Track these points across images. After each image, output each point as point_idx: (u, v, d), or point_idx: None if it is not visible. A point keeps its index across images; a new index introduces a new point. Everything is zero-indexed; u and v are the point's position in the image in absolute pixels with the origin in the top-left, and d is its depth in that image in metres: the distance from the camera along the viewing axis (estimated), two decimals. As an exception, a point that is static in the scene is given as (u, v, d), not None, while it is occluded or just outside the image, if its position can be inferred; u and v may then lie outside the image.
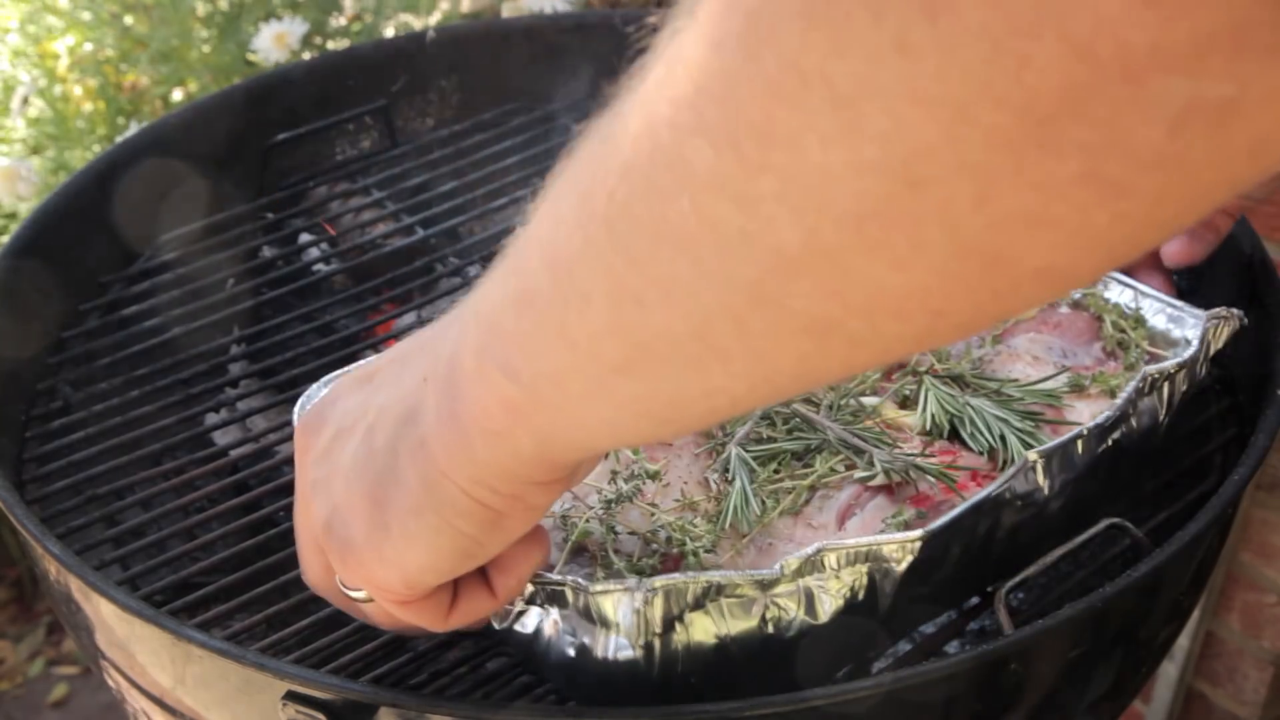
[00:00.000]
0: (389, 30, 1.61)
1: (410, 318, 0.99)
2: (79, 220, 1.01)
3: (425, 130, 1.21)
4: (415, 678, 0.73)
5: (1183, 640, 1.43)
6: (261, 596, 0.75)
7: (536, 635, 0.62)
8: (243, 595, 0.75)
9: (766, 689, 0.61)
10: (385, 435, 0.50)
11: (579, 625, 0.61)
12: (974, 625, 0.75)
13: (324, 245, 1.08)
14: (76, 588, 0.73)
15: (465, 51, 1.22)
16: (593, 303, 0.39)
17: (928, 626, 0.75)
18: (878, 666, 0.72)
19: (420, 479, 0.49)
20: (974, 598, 0.74)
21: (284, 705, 0.63)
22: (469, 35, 1.24)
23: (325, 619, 0.73)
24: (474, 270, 1.02)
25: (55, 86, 1.59)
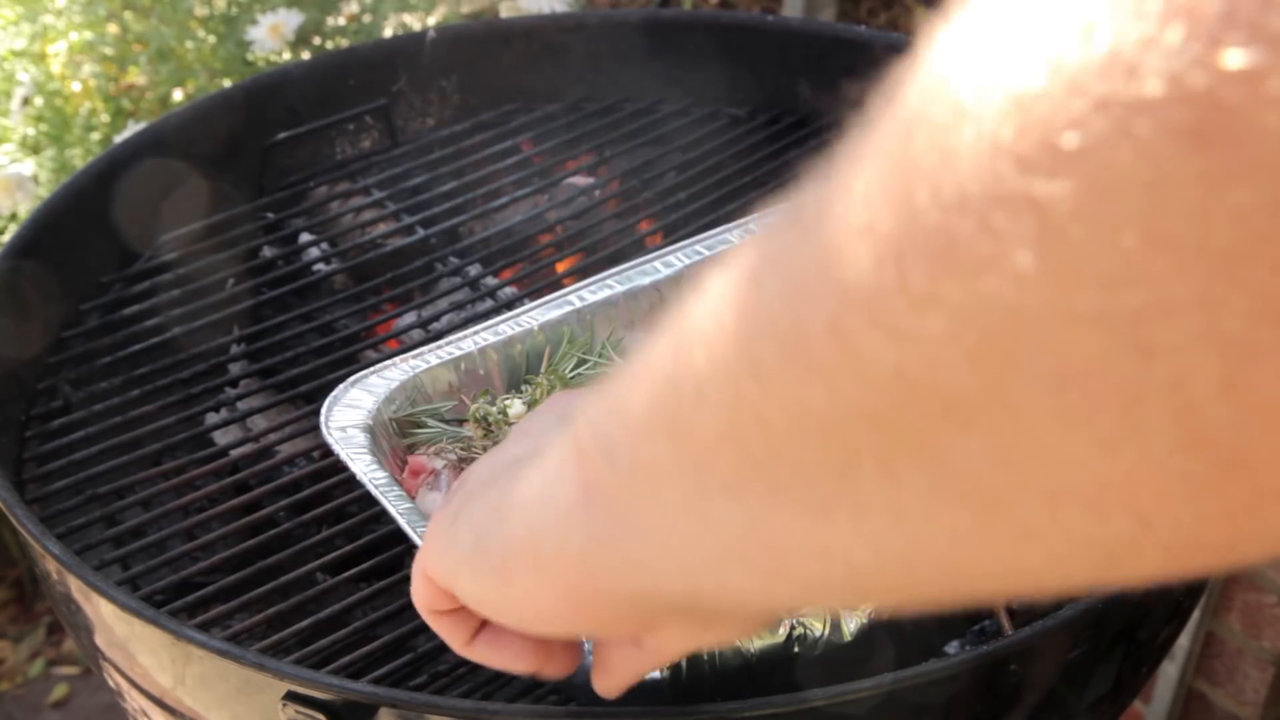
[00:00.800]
0: (388, 30, 1.61)
1: (410, 318, 0.99)
2: (79, 220, 1.01)
3: (425, 130, 1.21)
4: (415, 678, 0.73)
5: (1183, 640, 1.43)
6: (262, 597, 0.75)
7: None
8: (243, 595, 0.75)
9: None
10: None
11: None
12: (974, 625, 0.75)
13: (324, 245, 1.08)
14: (76, 588, 0.73)
15: (465, 51, 1.22)
16: (708, 400, 0.32)
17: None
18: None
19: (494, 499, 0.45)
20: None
21: (284, 706, 0.63)
22: (469, 35, 1.24)
23: (325, 620, 0.73)
24: (474, 270, 1.02)
25: (51, 84, 1.59)
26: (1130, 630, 0.73)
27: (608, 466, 0.37)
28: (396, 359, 0.78)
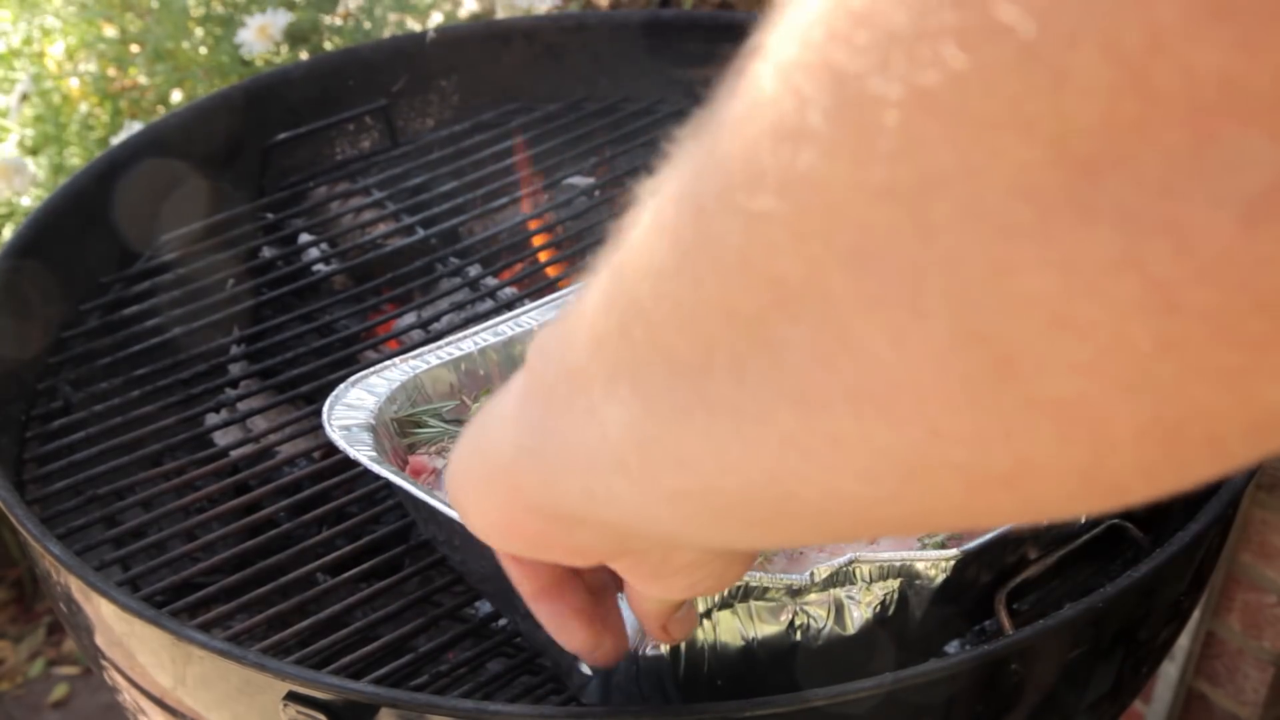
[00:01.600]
0: (387, 31, 1.61)
1: (410, 318, 0.99)
2: (79, 220, 1.01)
3: (425, 130, 1.21)
4: (416, 678, 0.73)
5: (1183, 640, 1.43)
6: (262, 597, 0.75)
7: None
8: (243, 596, 0.75)
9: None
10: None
11: None
12: (974, 625, 0.75)
13: (324, 246, 1.08)
14: (76, 588, 0.73)
15: (465, 51, 1.22)
16: (615, 303, 0.32)
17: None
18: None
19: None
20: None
21: (284, 706, 0.63)
22: (469, 35, 1.24)
23: (326, 620, 0.73)
24: (474, 270, 1.02)
25: (46, 81, 1.59)
26: (1130, 630, 0.73)
27: (541, 371, 0.37)
28: (397, 359, 0.79)
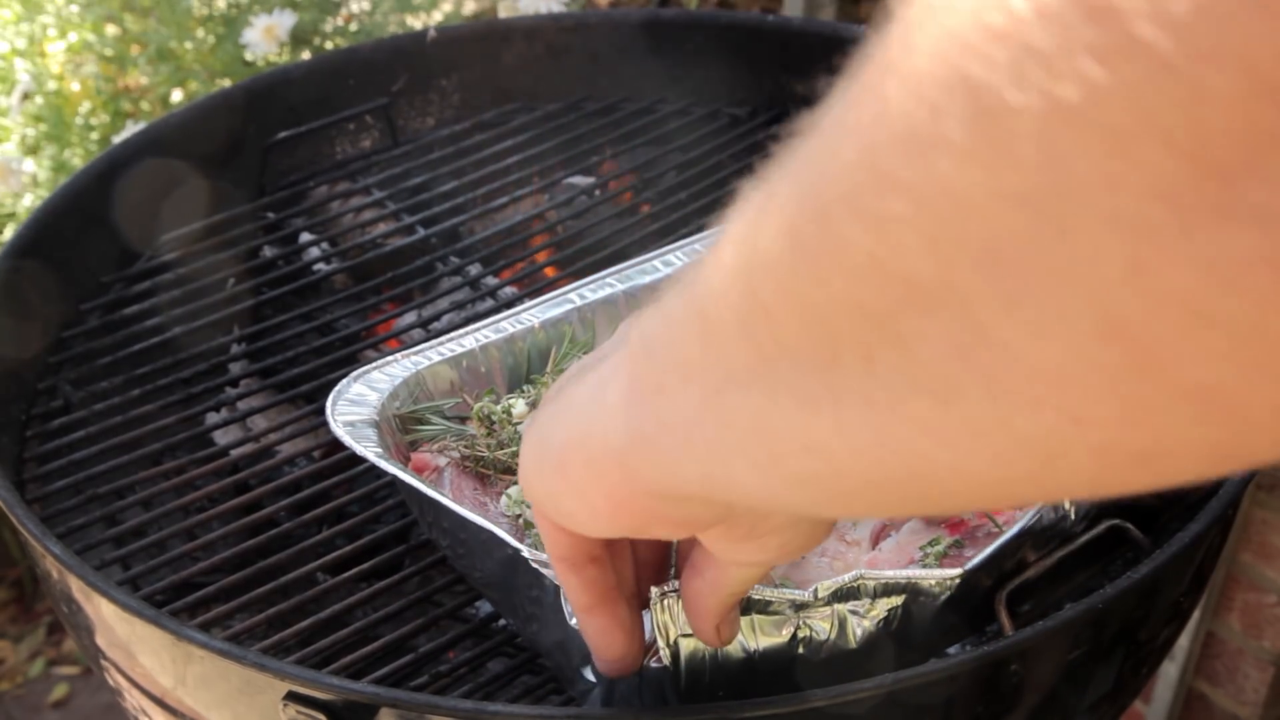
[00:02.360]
0: (388, 31, 1.61)
1: (410, 317, 0.99)
2: (79, 220, 1.01)
3: (426, 130, 1.21)
4: (416, 678, 0.73)
5: (1183, 640, 1.43)
6: (262, 597, 0.75)
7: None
8: (244, 595, 0.75)
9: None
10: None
11: None
12: (976, 632, 0.75)
13: (324, 245, 1.08)
14: (77, 588, 0.73)
15: (465, 51, 1.22)
16: (729, 296, 0.34)
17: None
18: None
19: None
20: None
21: (285, 706, 0.63)
22: (469, 35, 1.24)
23: (326, 620, 0.73)
24: (474, 270, 1.02)
25: (49, 83, 1.59)
26: (1130, 630, 0.73)
27: (648, 362, 0.38)
28: (398, 355, 0.78)
